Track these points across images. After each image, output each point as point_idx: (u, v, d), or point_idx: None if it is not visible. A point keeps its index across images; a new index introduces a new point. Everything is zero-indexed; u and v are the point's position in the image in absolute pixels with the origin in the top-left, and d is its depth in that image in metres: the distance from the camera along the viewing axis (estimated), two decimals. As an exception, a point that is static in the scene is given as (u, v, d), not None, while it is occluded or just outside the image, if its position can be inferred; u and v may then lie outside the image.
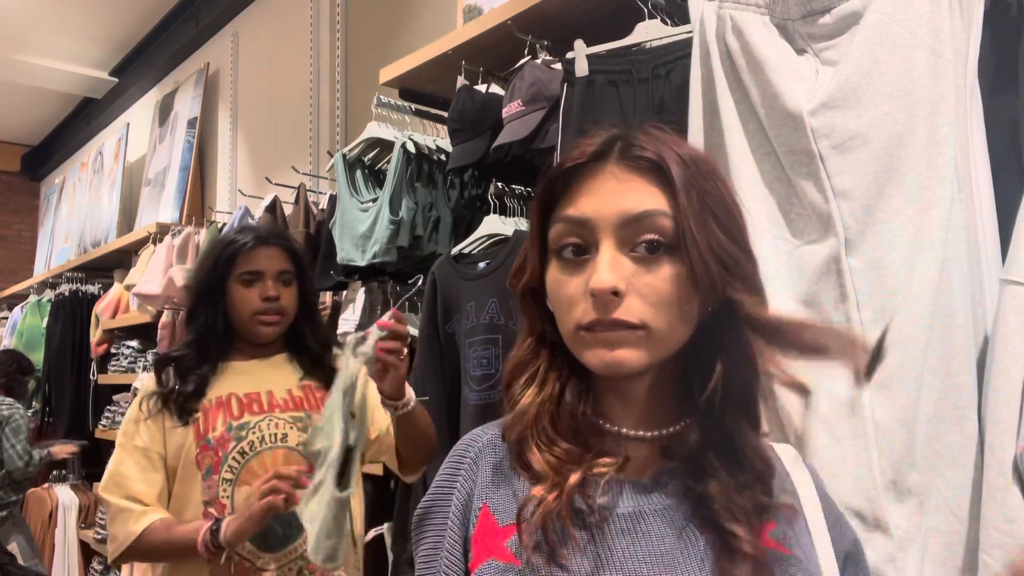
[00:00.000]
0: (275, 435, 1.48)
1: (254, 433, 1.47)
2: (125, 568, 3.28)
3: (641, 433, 0.69)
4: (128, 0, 4.52)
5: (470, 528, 0.69)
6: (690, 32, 1.31)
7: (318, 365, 1.58)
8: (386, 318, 1.26)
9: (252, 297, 1.51)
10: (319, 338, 1.62)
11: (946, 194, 1.09)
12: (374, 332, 1.23)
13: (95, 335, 4.20)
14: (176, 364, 1.51)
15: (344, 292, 2.54)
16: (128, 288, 3.72)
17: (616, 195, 0.64)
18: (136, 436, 1.48)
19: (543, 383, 0.69)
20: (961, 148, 1.10)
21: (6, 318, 5.55)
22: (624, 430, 0.69)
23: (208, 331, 1.52)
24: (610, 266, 0.62)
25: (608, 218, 0.63)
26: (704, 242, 0.63)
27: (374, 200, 2.04)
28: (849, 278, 1.11)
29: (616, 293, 0.61)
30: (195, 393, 1.49)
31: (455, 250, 1.82)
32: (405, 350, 1.30)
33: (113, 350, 4.13)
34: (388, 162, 2.07)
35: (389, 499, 2.04)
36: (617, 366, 0.63)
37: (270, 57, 3.75)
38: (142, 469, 1.46)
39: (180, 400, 1.48)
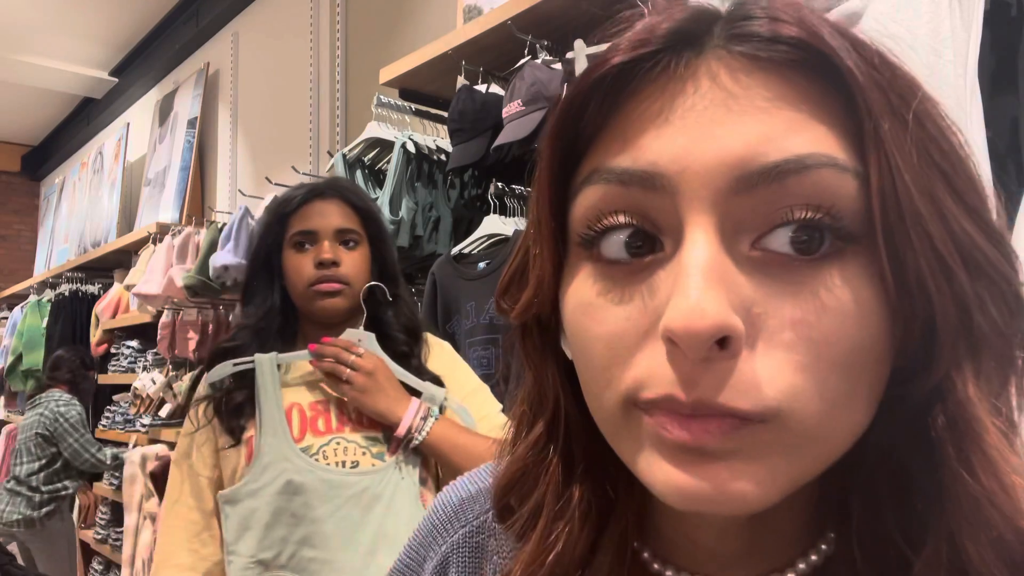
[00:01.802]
0: (343, 463, 1.13)
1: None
2: (126, 569, 3.28)
3: None
4: (128, 0, 4.52)
5: None
6: (690, 32, 1.31)
7: (405, 361, 1.20)
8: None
9: (306, 264, 1.17)
10: (405, 322, 1.24)
11: (946, 194, 1.08)
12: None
13: (95, 335, 4.21)
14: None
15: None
16: (128, 288, 3.72)
17: (721, 123, 0.30)
18: (190, 454, 1.18)
19: (558, 518, 0.37)
20: (961, 148, 1.10)
21: (6, 318, 5.55)
22: None
23: (266, 314, 1.19)
24: (709, 277, 0.29)
25: (705, 171, 0.30)
26: (940, 228, 0.29)
27: (374, 200, 2.04)
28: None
29: (724, 342, 0.28)
30: (247, 403, 1.15)
31: (455, 250, 1.82)
32: (348, 371, 1.13)
33: (113, 350, 4.14)
34: (388, 162, 2.07)
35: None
36: (714, 503, 0.30)
37: (270, 57, 3.75)
38: (192, 525, 1.16)
39: (228, 413, 1.15)
